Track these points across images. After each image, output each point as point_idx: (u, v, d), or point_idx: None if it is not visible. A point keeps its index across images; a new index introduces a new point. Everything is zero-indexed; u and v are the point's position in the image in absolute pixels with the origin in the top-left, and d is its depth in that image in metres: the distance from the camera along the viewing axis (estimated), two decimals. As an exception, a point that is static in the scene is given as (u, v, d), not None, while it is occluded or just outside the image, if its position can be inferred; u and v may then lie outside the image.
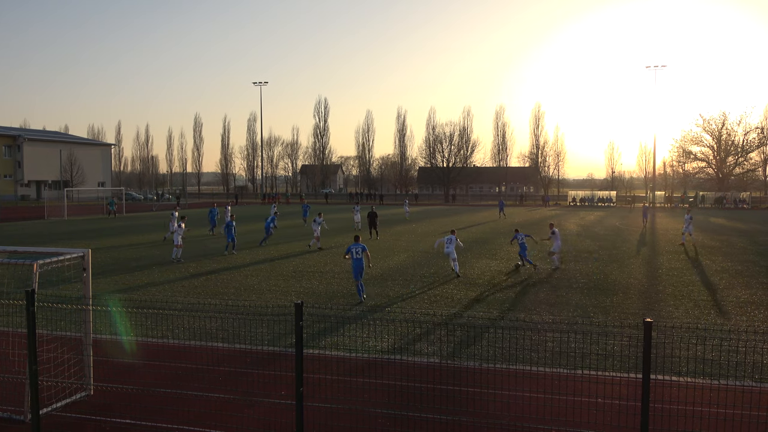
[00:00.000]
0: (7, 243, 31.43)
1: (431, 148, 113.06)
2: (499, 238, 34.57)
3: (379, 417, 8.14)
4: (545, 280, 19.64)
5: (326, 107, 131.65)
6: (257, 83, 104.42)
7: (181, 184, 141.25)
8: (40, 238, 34.54)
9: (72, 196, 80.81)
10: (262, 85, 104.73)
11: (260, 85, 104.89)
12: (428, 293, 17.38)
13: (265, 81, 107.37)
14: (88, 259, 8.94)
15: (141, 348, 11.44)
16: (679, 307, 15.56)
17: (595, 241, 33.06)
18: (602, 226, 45.04)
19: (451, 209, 73.82)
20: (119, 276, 20.48)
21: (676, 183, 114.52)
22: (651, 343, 5.86)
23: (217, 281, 19.48)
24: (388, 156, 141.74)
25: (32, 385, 7.12)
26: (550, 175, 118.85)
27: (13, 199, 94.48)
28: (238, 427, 7.86)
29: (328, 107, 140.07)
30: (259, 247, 28.84)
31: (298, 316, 6.46)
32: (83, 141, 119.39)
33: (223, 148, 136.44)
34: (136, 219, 52.80)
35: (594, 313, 14.88)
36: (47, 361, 8.70)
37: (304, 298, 16.51)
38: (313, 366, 9.85)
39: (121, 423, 8.08)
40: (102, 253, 26.70)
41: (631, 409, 7.53)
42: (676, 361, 10.52)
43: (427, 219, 52.55)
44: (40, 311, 7.50)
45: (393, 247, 29.28)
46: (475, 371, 9.97)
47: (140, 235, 36.69)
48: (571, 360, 10.68)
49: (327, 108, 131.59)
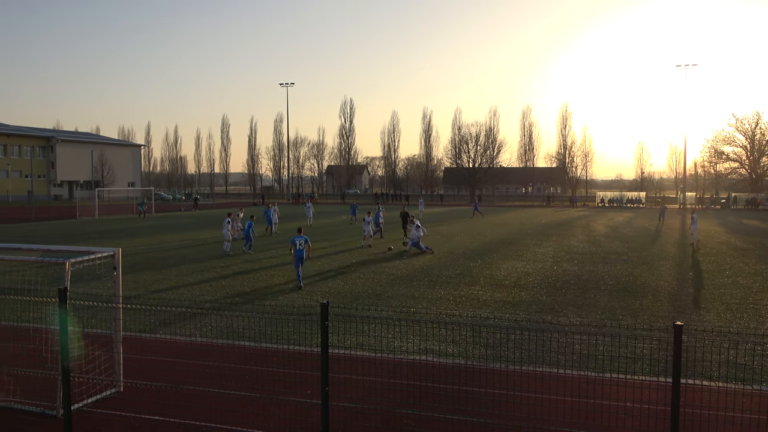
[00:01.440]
0: (41, 242, 32.15)
1: (457, 149, 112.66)
2: (526, 239, 34.31)
3: (404, 417, 8.13)
4: (573, 282, 19.43)
5: (352, 108, 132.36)
6: (284, 84, 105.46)
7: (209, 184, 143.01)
8: (72, 238, 35.25)
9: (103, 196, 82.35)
10: (288, 86, 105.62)
11: (287, 86, 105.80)
12: (454, 294, 17.31)
13: (292, 82, 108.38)
14: (118, 258, 9.09)
15: (169, 346, 11.60)
16: (711, 311, 15.26)
17: (623, 242, 32.60)
18: (631, 227, 44.39)
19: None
20: (149, 275, 20.80)
21: (707, 184, 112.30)
22: (681, 347, 5.76)
23: (244, 280, 19.66)
24: (413, 156, 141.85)
25: (64, 381, 7.26)
26: (578, 175, 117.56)
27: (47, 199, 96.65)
28: (265, 426, 7.93)
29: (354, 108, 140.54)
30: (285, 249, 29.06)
31: (323, 316, 6.49)
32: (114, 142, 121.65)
33: (250, 149, 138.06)
34: (166, 219, 53.56)
35: (623, 315, 14.67)
36: (78, 358, 8.87)
37: (330, 298, 16.58)
38: (338, 366, 9.88)
39: (150, 419, 8.20)
40: (132, 252, 27.15)
41: (661, 414, 7.40)
42: (707, 365, 10.32)
43: (453, 220, 52.36)
44: (72, 309, 7.65)
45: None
46: (501, 373, 9.90)
47: (169, 234, 37.22)
48: (599, 363, 10.54)
49: (353, 108, 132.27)
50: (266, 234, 36.18)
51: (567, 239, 34.30)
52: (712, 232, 39.87)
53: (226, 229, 27.77)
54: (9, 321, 13.29)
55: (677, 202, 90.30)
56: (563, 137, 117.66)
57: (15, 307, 14.84)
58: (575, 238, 34.78)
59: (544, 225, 45.93)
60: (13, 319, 13.88)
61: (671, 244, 31.62)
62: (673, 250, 28.84)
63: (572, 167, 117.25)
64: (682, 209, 71.51)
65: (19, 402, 8.60)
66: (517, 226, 45.18)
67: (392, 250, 27.46)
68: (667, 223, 47.60)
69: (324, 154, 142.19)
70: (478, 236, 35.90)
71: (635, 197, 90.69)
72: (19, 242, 30.39)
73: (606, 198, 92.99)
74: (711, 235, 36.89)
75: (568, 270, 21.94)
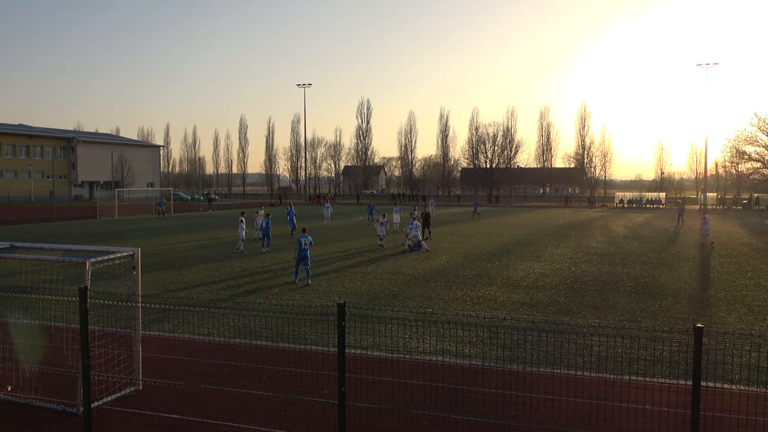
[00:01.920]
0: (62, 242, 32.59)
1: (474, 149, 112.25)
2: (544, 240, 34.10)
3: (421, 418, 8.12)
4: (591, 283, 19.27)
5: (369, 108, 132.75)
6: (301, 85, 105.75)
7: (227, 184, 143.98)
8: (92, 237, 35.68)
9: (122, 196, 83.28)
10: (305, 86, 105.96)
11: (304, 87, 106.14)
12: (471, 295, 17.25)
13: (309, 83, 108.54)
14: (137, 258, 9.18)
15: (188, 345, 11.69)
16: (732, 313, 15.05)
17: (643, 243, 32.27)
18: (651, 228, 43.94)
19: (495, 210, 73.12)
20: (167, 274, 20.99)
21: (728, 184, 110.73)
22: (702, 349, 5.68)
23: (261, 280, 19.76)
24: (430, 157, 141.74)
25: (84, 379, 7.34)
26: (597, 175, 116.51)
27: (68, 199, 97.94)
28: (282, 425, 7.96)
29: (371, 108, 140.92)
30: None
31: (340, 316, 6.49)
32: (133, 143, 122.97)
33: (267, 149, 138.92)
34: (184, 219, 54.02)
35: (642, 317, 14.52)
36: (98, 356, 8.98)
37: (347, 298, 16.60)
38: (355, 366, 9.88)
39: (169, 418, 8.28)
40: (151, 252, 27.41)
41: (681, 417, 7.31)
42: (728, 368, 10.18)
43: (470, 221, 52.19)
44: (92, 308, 7.74)
45: (435, 248, 29.15)
46: (518, 374, 9.84)
47: (188, 234, 37.53)
48: (618, 365, 10.44)
49: (369, 109, 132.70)
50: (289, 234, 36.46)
51: (585, 240, 34.04)
52: (733, 233, 39.33)
53: (240, 228, 28.40)
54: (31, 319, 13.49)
55: (698, 203, 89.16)
56: (582, 137, 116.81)
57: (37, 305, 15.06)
58: (593, 239, 34.50)
59: (562, 226, 45.62)
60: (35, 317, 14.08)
61: (691, 246, 31.24)
62: (693, 252, 28.49)
63: (591, 167, 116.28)
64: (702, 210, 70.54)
65: (40, 399, 8.73)
66: (534, 226, 44.91)
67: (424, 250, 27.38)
68: (686, 223, 47.03)
69: (341, 155, 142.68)
70: (495, 237, 35.75)
71: (655, 198, 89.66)
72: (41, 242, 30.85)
73: (625, 198, 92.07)
74: (732, 237, 36.39)
75: (586, 271, 21.77)
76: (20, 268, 18.31)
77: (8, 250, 9.53)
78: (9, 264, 18.70)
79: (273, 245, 28.54)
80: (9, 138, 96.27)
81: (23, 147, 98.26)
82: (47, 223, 48.69)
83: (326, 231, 39.31)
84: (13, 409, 8.51)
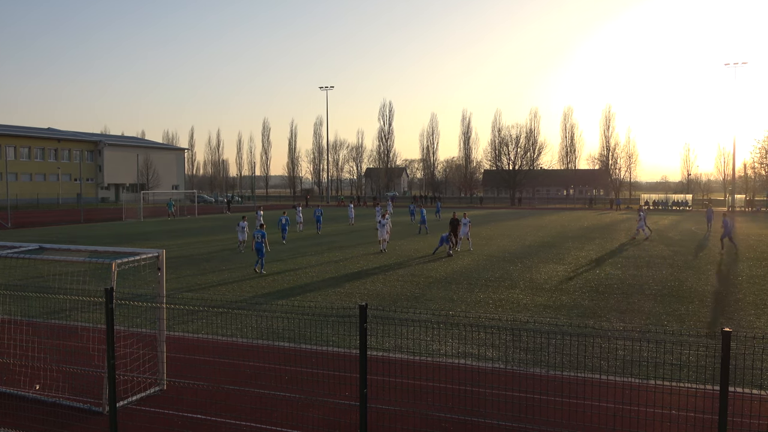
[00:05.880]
0: (88, 243, 33.13)
1: (497, 151, 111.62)
2: (567, 242, 33.78)
3: (442, 421, 8.09)
4: (616, 286, 19.03)
5: (391, 110, 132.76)
6: (323, 88, 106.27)
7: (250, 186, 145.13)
8: (118, 239, 36.21)
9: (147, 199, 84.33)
10: (328, 89, 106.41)
11: (326, 90, 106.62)
12: (493, 297, 17.15)
13: (331, 85, 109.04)
14: (162, 259, 9.30)
15: (211, 345, 11.80)
16: (761, 317, 14.75)
17: (668, 246, 31.79)
18: (677, 230, 43.27)
19: (517, 212, 72.61)
20: (191, 275, 21.20)
21: (757, 186, 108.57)
22: (729, 354, 5.57)
23: (283, 282, 19.87)
24: (452, 159, 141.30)
25: (110, 379, 7.45)
26: (621, 177, 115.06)
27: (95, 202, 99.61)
28: (303, 426, 7.99)
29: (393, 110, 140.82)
30: (325, 249, 29.29)
31: (362, 318, 6.50)
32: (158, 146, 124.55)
33: (290, 152, 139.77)
34: (208, 221, 54.54)
35: (668, 321, 14.30)
36: (124, 356, 9.10)
37: (368, 300, 16.61)
38: (376, 368, 9.89)
39: (192, 418, 8.36)
40: (176, 254, 27.72)
41: (708, 423, 7.18)
42: (756, 373, 9.97)
43: (492, 223, 51.90)
44: (117, 308, 7.85)
45: (457, 250, 29.03)
46: (541, 378, 9.76)
47: (211, 236, 37.88)
48: (643, 369, 10.30)
49: (392, 111, 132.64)
50: (317, 233, 36.90)
51: (610, 242, 33.64)
52: (763, 236, 38.57)
53: (240, 231, 28.64)
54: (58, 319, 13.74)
55: (725, 205, 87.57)
56: (606, 139, 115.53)
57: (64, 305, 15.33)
58: (618, 242, 34.09)
59: (586, 228, 45.15)
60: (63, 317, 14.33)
61: (719, 250, 30.67)
62: (721, 255, 27.97)
63: (615, 169, 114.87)
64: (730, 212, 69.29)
65: (67, 398, 8.87)
66: (558, 229, 44.50)
67: (451, 256, 26.58)
68: (714, 227, 46.16)
69: (363, 157, 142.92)
70: (518, 239, 35.50)
71: (681, 200, 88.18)
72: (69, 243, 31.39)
73: (650, 200, 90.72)
74: (762, 240, 35.68)
75: (610, 274, 21.51)
76: (48, 270, 18.68)
77: (37, 251, 9.71)
78: (38, 265, 19.08)
79: (294, 247, 28.66)
80: (38, 141, 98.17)
81: (52, 150, 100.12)
82: (75, 224, 49.51)
83: (351, 231, 39.45)
84: (40, 408, 8.66)
